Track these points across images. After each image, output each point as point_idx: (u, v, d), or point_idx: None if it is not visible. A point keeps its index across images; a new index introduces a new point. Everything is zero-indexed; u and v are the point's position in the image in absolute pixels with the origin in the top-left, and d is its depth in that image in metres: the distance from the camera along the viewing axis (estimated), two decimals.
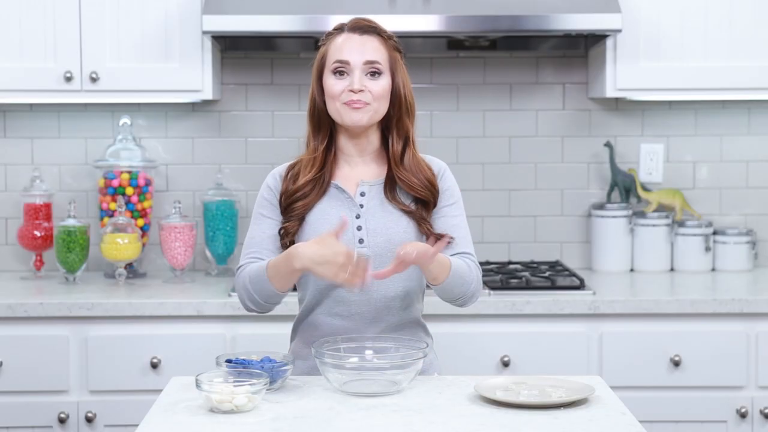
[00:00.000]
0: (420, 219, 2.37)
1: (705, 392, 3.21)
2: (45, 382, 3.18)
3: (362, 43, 2.33)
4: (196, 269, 3.78)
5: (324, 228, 2.33)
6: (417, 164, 2.38)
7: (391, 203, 2.37)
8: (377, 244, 2.34)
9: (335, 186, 2.39)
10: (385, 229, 2.35)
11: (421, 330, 2.46)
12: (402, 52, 2.40)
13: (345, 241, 2.30)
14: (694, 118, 3.81)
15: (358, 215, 2.36)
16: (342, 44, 2.33)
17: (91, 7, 3.42)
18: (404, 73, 2.38)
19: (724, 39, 3.47)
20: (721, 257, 3.72)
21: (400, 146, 2.38)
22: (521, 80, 3.80)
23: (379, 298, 2.36)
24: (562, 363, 3.17)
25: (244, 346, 3.14)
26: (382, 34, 2.36)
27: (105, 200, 3.64)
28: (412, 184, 2.36)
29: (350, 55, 2.32)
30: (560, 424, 1.98)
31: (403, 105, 2.37)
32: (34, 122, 3.76)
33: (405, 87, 2.37)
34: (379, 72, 2.33)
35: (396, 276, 2.31)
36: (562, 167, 3.82)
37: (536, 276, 3.42)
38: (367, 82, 2.32)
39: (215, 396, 2.06)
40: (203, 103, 3.75)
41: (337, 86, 2.32)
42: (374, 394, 2.17)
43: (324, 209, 2.37)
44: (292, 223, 2.36)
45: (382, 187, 2.39)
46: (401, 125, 2.38)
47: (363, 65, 2.32)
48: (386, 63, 2.34)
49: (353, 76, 2.31)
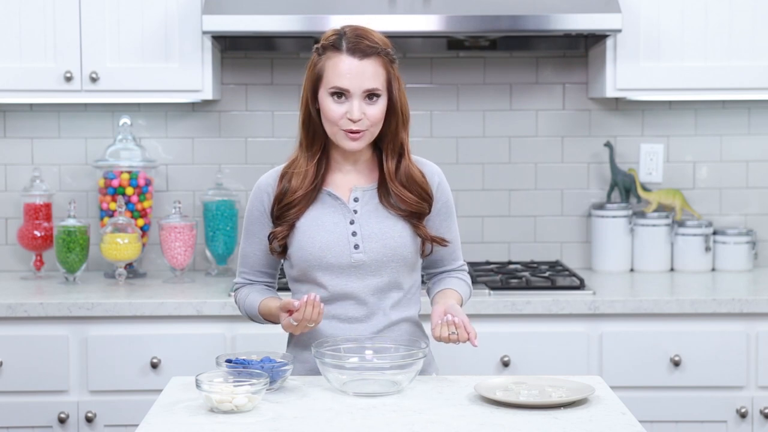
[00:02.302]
0: (415, 223, 2.37)
1: (705, 392, 3.21)
2: (45, 382, 3.18)
3: (362, 70, 2.28)
4: (196, 269, 3.78)
5: (316, 234, 2.34)
6: (411, 175, 2.37)
7: (386, 208, 2.37)
8: (373, 249, 2.34)
9: (328, 193, 2.38)
10: (380, 234, 2.35)
11: (417, 330, 2.46)
12: (396, 60, 2.36)
13: (340, 247, 2.34)
14: (694, 118, 3.81)
15: (352, 221, 2.36)
16: (341, 68, 2.29)
17: (91, 7, 3.43)
18: (399, 83, 2.35)
19: (724, 39, 3.47)
20: (721, 257, 3.72)
21: (394, 162, 2.37)
22: (521, 80, 3.80)
23: (374, 302, 2.36)
24: (562, 363, 3.17)
25: (244, 346, 3.14)
26: (380, 52, 2.31)
27: (105, 200, 3.64)
28: (407, 198, 2.36)
29: (350, 83, 2.28)
30: (560, 424, 1.98)
31: (399, 119, 2.35)
32: (34, 122, 3.76)
33: (401, 99, 2.35)
34: (378, 95, 2.31)
35: (385, 282, 2.36)
36: (562, 167, 3.82)
37: (536, 276, 3.42)
38: (366, 108, 2.30)
39: (215, 396, 2.06)
40: (203, 103, 3.75)
41: (336, 111, 2.30)
42: (374, 394, 2.17)
43: (316, 216, 2.37)
44: (282, 228, 2.37)
45: (376, 192, 2.39)
46: (396, 140, 2.36)
47: (362, 93, 2.29)
48: (384, 84, 2.32)
49: (352, 105, 2.29)
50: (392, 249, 2.34)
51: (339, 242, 2.34)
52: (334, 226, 2.35)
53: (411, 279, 2.42)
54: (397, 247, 2.35)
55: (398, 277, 2.37)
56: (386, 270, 2.36)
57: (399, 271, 2.37)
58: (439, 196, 2.42)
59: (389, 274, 2.36)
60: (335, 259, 2.34)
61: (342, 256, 2.34)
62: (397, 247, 2.35)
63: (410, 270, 2.40)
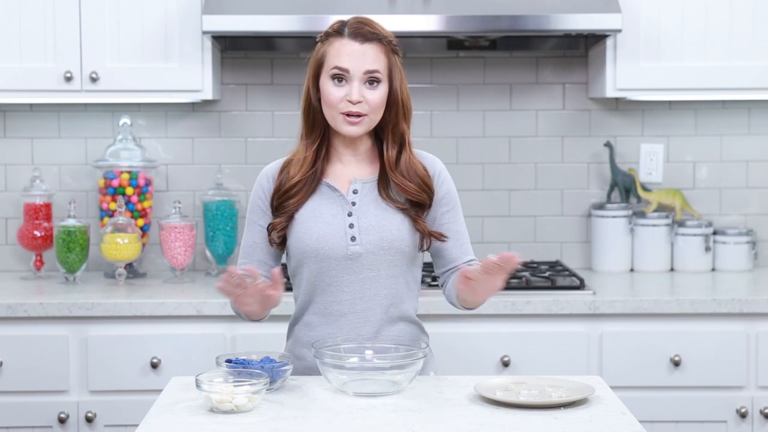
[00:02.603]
0: (415, 216, 2.37)
1: (705, 392, 3.21)
2: (45, 382, 3.18)
3: (363, 52, 2.30)
4: (196, 269, 3.78)
5: (313, 226, 2.34)
6: (412, 167, 2.37)
7: (385, 201, 2.37)
8: (370, 242, 2.34)
9: (326, 184, 2.38)
10: (378, 226, 2.35)
11: (416, 328, 2.46)
12: (400, 54, 2.38)
13: (337, 239, 2.33)
14: (694, 118, 3.82)
15: (350, 213, 2.36)
16: (342, 50, 2.31)
17: (91, 7, 3.43)
18: (401, 75, 2.36)
19: (724, 39, 3.47)
20: (721, 257, 3.72)
21: (394, 152, 2.37)
22: (521, 80, 3.80)
23: (370, 296, 2.36)
24: (562, 363, 3.17)
25: (244, 346, 3.14)
26: (382, 40, 2.33)
27: (105, 200, 3.64)
28: (407, 188, 2.36)
29: (350, 64, 2.30)
30: (560, 424, 1.98)
31: (399, 110, 2.36)
32: (34, 122, 3.76)
33: (402, 91, 2.36)
34: (378, 80, 2.32)
35: (382, 275, 2.35)
36: (562, 167, 3.82)
37: (536, 276, 3.42)
38: (366, 92, 2.31)
39: (215, 396, 2.06)
40: (203, 103, 3.75)
41: (335, 94, 2.31)
42: (374, 394, 2.17)
43: (314, 207, 2.37)
44: (280, 219, 2.37)
45: (376, 184, 2.39)
46: (397, 130, 2.37)
47: (362, 75, 2.30)
48: (385, 70, 2.33)
49: (352, 86, 2.30)
50: (389, 242, 2.34)
51: (336, 234, 2.34)
52: (331, 217, 2.35)
53: (409, 274, 2.41)
54: (394, 240, 2.34)
55: (395, 271, 2.37)
56: (382, 263, 2.35)
57: (396, 265, 2.36)
58: (439, 187, 2.41)
59: (386, 267, 2.35)
60: (332, 250, 2.34)
61: (338, 248, 2.34)
62: (394, 240, 2.34)
63: (408, 264, 2.39)
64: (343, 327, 2.36)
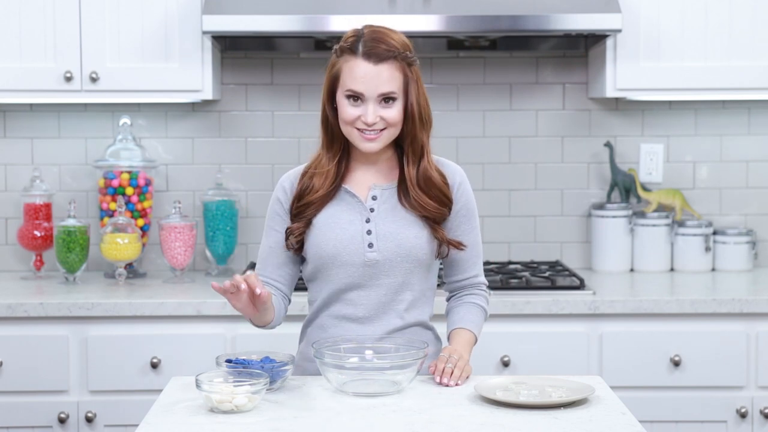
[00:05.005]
0: (433, 224, 2.36)
1: (705, 392, 3.21)
2: (45, 382, 3.18)
3: (377, 72, 2.28)
4: (196, 269, 3.78)
5: (331, 232, 2.34)
6: (429, 179, 2.35)
7: (404, 207, 2.36)
8: (387, 249, 2.33)
9: (346, 190, 2.38)
10: (395, 234, 2.34)
11: (430, 334, 2.45)
12: (415, 62, 2.35)
13: (354, 245, 2.32)
14: (694, 118, 3.82)
15: (368, 219, 2.35)
16: (356, 72, 2.28)
17: (91, 7, 3.43)
18: (418, 85, 2.33)
19: (724, 39, 3.47)
20: (721, 257, 3.73)
21: (415, 167, 2.35)
22: (521, 80, 3.80)
23: (386, 302, 2.36)
24: (562, 363, 3.17)
25: (244, 346, 3.14)
26: (397, 57, 2.30)
27: (105, 200, 3.64)
28: (425, 204, 2.34)
29: (364, 87, 2.28)
30: (560, 424, 1.98)
31: (417, 122, 2.33)
32: (34, 122, 3.76)
33: (419, 103, 2.33)
34: (394, 99, 2.30)
35: (398, 282, 2.34)
36: (562, 167, 3.82)
37: (536, 276, 3.42)
38: (381, 111, 2.29)
39: (215, 396, 2.06)
40: (203, 103, 3.75)
41: (351, 113, 2.30)
42: (374, 394, 2.17)
43: (333, 213, 2.36)
44: (298, 225, 2.36)
45: (395, 191, 2.38)
46: (416, 142, 2.34)
47: (377, 97, 2.29)
48: (400, 88, 2.30)
49: (367, 108, 2.28)
50: (406, 249, 2.33)
51: (353, 240, 2.33)
52: (349, 224, 2.35)
53: (425, 281, 2.40)
54: (412, 248, 2.34)
55: (411, 278, 2.36)
56: (399, 270, 2.34)
57: (413, 272, 2.36)
58: (458, 198, 2.40)
59: (402, 274, 2.35)
60: (349, 257, 2.33)
61: (356, 255, 2.33)
62: (411, 248, 2.34)
63: (425, 271, 2.38)
64: (357, 332, 2.36)
